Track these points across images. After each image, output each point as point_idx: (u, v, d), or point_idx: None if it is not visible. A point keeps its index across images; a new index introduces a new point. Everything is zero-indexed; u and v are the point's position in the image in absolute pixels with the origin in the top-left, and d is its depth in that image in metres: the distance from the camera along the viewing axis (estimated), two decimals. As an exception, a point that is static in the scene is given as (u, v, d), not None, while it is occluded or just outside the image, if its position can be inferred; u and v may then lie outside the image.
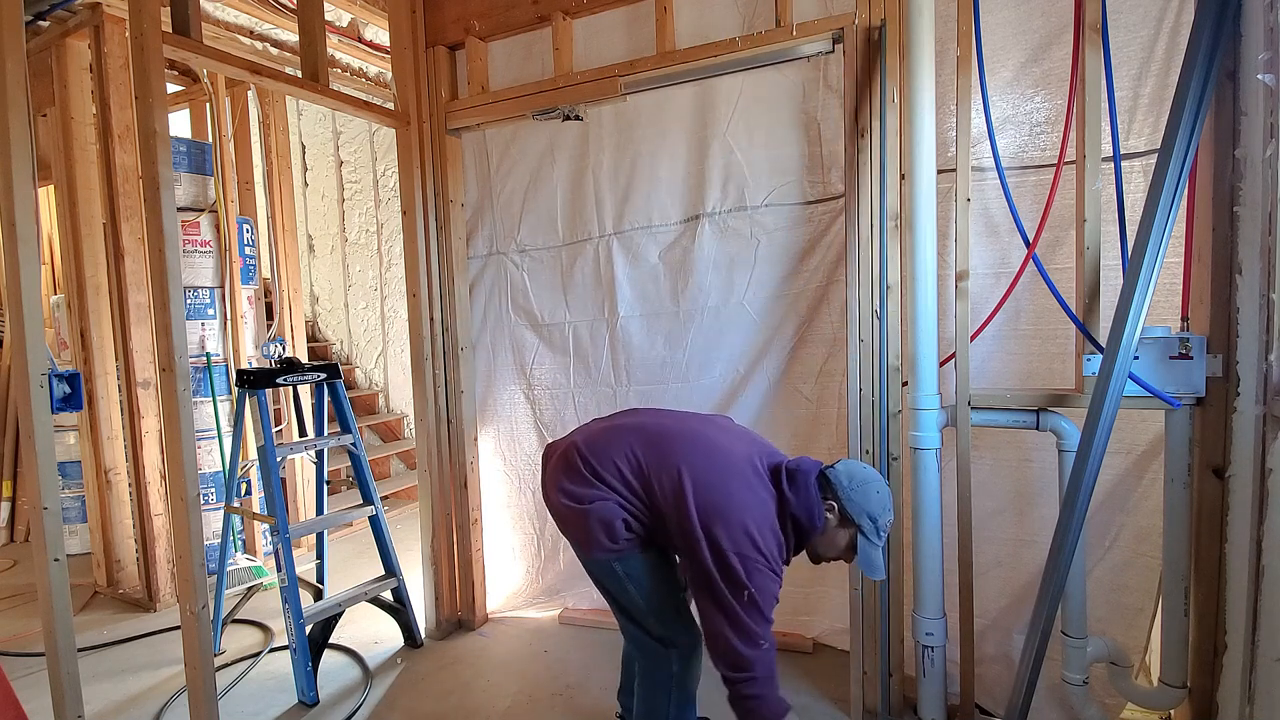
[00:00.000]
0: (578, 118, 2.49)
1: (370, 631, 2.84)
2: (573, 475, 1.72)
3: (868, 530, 1.60)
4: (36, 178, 1.84)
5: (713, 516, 1.56)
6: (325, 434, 2.78)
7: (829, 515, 1.62)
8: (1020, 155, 2.04)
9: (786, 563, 1.65)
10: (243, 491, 3.41)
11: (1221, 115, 1.62)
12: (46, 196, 3.89)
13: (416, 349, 2.77)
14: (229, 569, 2.97)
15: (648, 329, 2.68)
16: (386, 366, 5.66)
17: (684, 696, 1.80)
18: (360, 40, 3.60)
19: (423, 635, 2.78)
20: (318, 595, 2.77)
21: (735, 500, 1.59)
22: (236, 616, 3.02)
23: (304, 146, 5.86)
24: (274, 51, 3.52)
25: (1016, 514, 2.12)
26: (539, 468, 2.90)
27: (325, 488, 2.98)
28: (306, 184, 5.91)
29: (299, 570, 2.63)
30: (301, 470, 3.88)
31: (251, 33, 3.41)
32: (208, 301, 3.36)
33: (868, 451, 2.07)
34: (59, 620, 1.76)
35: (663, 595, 1.73)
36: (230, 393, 3.42)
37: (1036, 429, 1.90)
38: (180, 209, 3.15)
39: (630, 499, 1.67)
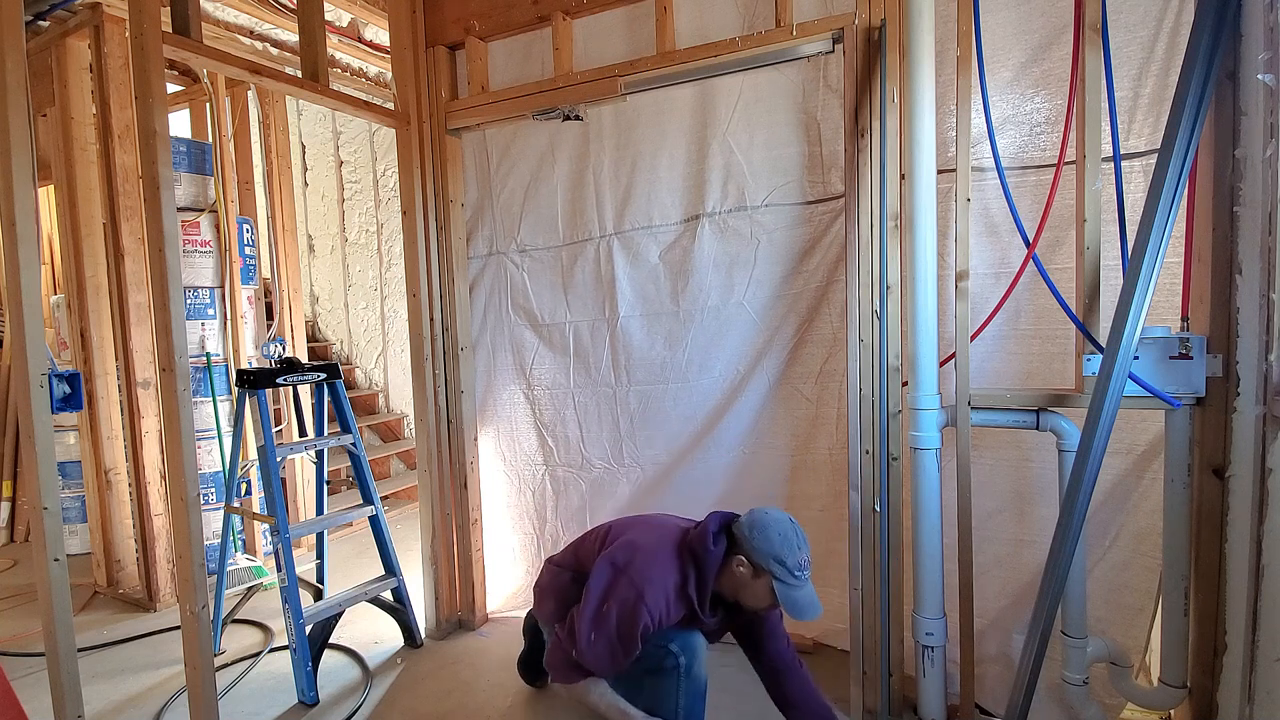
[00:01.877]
0: (578, 118, 2.49)
1: (370, 631, 2.84)
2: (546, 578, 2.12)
3: (780, 574, 1.63)
4: (36, 178, 1.84)
5: (615, 551, 1.82)
6: (325, 434, 2.78)
7: (740, 569, 1.68)
8: (1020, 155, 2.04)
9: (704, 612, 1.78)
10: (243, 491, 3.41)
11: (1221, 115, 1.62)
12: (46, 196, 3.89)
13: (416, 349, 2.77)
14: (229, 569, 2.97)
15: (648, 329, 2.68)
16: (386, 366, 5.66)
17: (693, 685, 1.86)
18: (360, 40, 3.60)
19: (423, 635, 2.78)
20: (318, 595, 2.77)
21: (638, 540, 1.84)
22: (236, 616, 3.02)
23: (304, 146, 5.86)
24: (274, 51, 3.52)
25: (1016, 514, 2.12)
26: (539, 468, 2.92)
27: (325, 488, 2.98)
28: (306, 184, 5.91)
29: (299, 570, 2.63)
30: (301, 470, 3.88)
31: (251, 33, 3.41)
32: (208, 301, 3.36)
33: (868, 451, 2.07)
34: (59, 620, 1.76)
35: None
36: (230, 393, 3.42)
37: (1036, 429, 1.90)
38: (180, 209, 3.15)
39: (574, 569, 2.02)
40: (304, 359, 3.79)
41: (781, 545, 1.64)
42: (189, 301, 3.27)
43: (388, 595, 2.72)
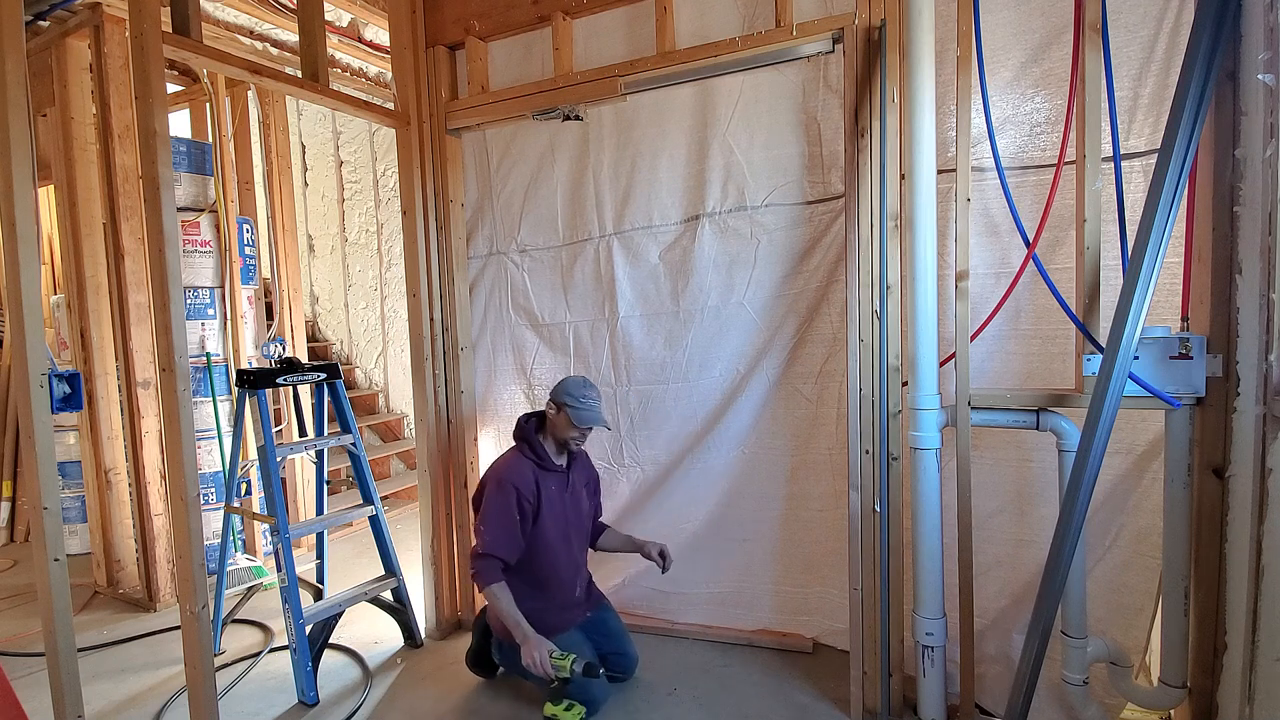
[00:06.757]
0: (578, 118, 2.49)
1: (370, 631, 2.84)
2: None
3: (570, 403, 2.22)
4: (36, 178, 1.84)
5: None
6: (325, 434, 2.78)
7: (552, 413, 2.27)
8: (1020, 155, 2.04)
9: (548, 460, 2.28)
10: (243, 491, 3.41)
11: (1221, 115, 1.62)
12: (46, 196, 3.89)
13: (416, 349, 2.77)
14: (229, 569, 2.97)
15: (648, 329, 2.68)
16: (386, 366, 5.66)
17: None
18: (360, 40, 3.60)
19: (423, 635, 2.78)
20: (318, 595, 2.77)
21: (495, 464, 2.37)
22: (236, 616, 3.02)
23: (304, 146, 5.86)
24: (274, 51, 3.52)
25: (1016, 514, 2.12)
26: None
27: (325, 488, 2.98)
28: (306, 184, 5.91)
29: (299, 570, 2.63)
30: (301, 470, 3.88)
31: (251, 33, 3.41)
32: (208, 301, 3.36)
33: (868, 451, 2.07)
34: (59, 620, 1.76)
35: None
36: (230, 393, 3.42)
37: (1036, 429, 1.90)
38: (180, 209, 3.15)
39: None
40: (304, 359, 3.78)
41: (571, 387, 2.24)
42: (189, 301, 3.27)
43: (388, 595, 2.72)
